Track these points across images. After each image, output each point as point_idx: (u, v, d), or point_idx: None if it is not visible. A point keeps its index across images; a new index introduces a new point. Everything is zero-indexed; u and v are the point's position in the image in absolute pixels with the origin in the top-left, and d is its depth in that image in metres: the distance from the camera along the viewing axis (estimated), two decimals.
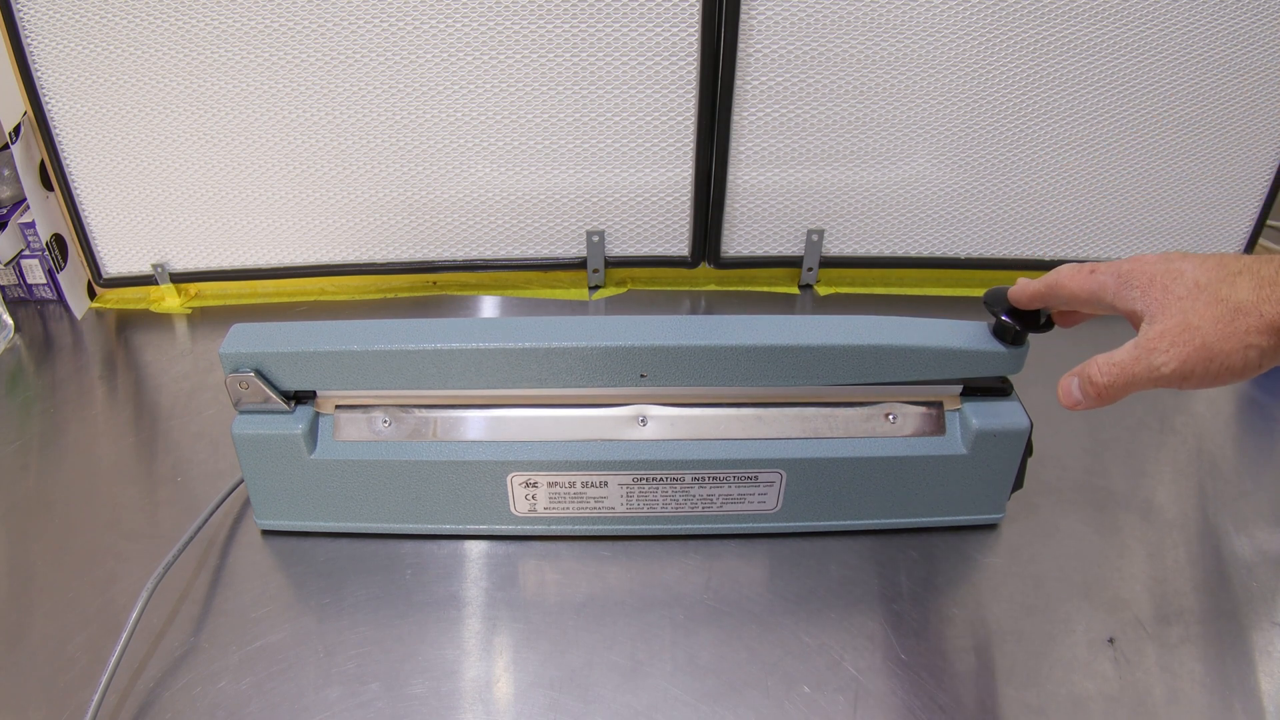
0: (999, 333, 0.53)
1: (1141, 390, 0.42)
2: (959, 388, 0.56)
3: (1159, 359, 0.40)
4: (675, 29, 0.73)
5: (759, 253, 0.85)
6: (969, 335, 0.54)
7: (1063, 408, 0.46)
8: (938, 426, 0.56)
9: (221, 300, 0.86)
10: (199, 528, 0.58)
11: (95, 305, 0.85)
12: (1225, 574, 0.58)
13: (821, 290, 0.87)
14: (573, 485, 0.56)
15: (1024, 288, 0.50)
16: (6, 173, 0.80)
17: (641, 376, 0.53)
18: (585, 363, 0.53)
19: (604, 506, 0.57)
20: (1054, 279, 0.47)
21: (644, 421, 0.56)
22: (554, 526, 0.58)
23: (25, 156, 0.76)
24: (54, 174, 0.77)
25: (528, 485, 0.56)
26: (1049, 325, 0.51)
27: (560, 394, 0.56)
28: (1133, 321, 0.43)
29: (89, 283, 0.85)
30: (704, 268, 0.86)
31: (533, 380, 0.54)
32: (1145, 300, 0.42)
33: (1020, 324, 0.52)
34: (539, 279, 0.87)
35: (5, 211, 0.81)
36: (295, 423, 0.55)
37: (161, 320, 0.83)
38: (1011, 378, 0.57)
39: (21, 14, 0.70)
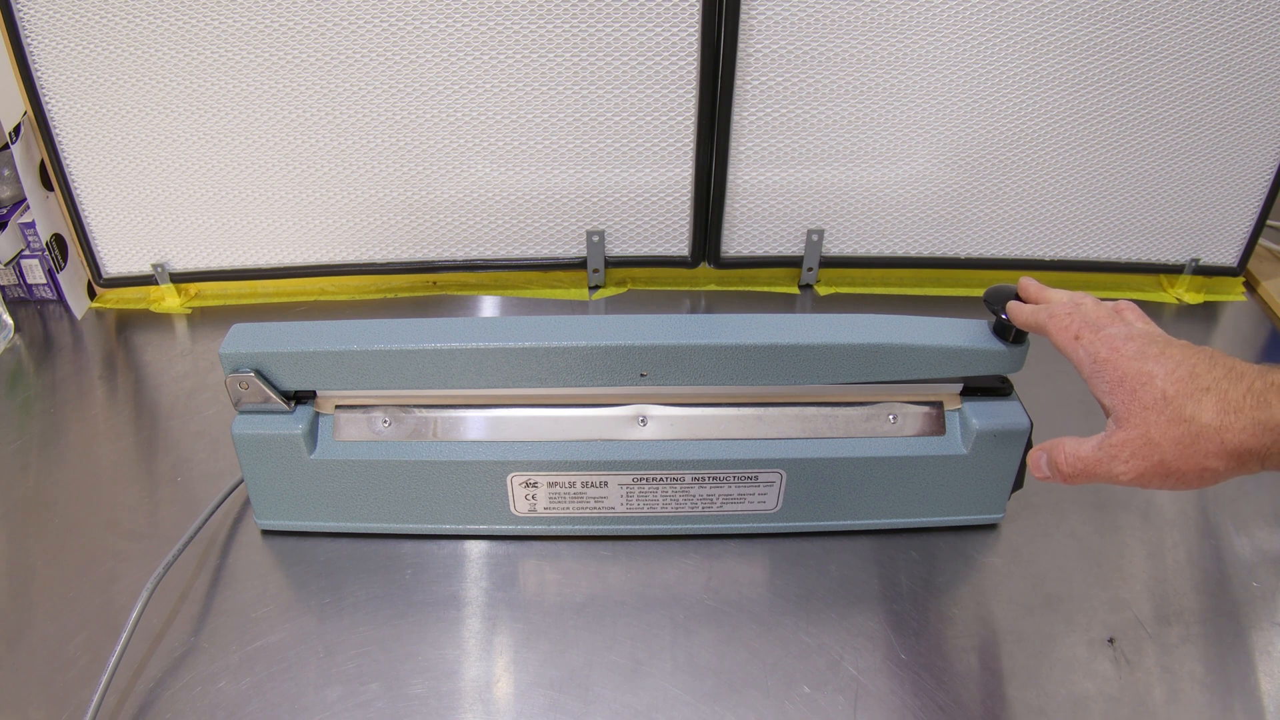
0: (999, 331, 0.53)
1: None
2: (959, 387, 0.56)
3: (1118, 468, 0.42)
4: (675, 28, 0.73)
5: (759, 253, 0.85)
6: (969, 333, 0.54)
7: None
8: (938, 426, 0.56)
9: (221, 300, 0.86)
10: (199, 528, 0.58)
11: (95, 305, 0.85)
12: (1225, 574, 0.58)
13: (821, 290, 0.87)
14: (573, 485, 0.56)
15: (1018, 311, 0.50)
16: (6, 173, 0.80)
17: (641, 376, 0.53)
18: (585, 362, 0.53)
19: (604, 506, 0.57)
20: (1045, 321, 0.48)
21: (644, 421, 0.56)
22: (554, 526, 0.58)
23: (25, 156, 0.76)
24: (54, 174, 0.77)
25: (528, 485, 0.56)
26: None
27: (560, 394, 0.56)
28: (1101, 408, 0.44)
29: (89, 283, 0.85)
30: (704, 268, 0.86)
31: (533, 380, 0.54)
32: (1112, 399, 0.43)
33: None
34: (539, 279, 0.87)
35: (5, 211, 0.81)
36: (295, 423, 0.55)
37: (161, 320, 0.83)
38: (1011, 377, 0.57)
39: (21, 14, 0.70)
